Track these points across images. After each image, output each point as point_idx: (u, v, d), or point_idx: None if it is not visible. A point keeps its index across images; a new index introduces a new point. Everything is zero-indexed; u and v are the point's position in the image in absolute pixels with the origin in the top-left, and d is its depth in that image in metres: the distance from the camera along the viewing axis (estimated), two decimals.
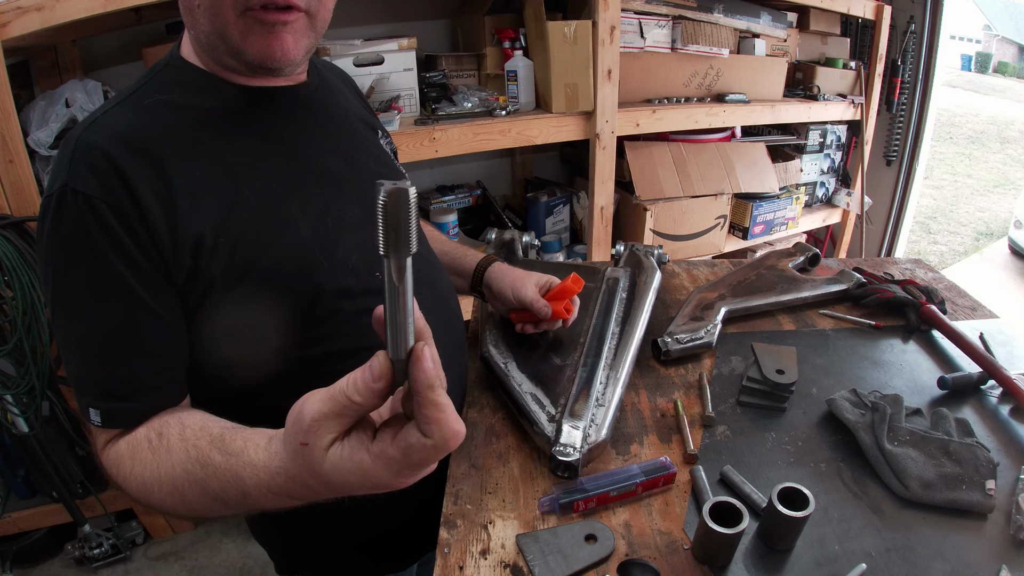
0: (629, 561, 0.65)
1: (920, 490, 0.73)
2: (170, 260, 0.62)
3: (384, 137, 0.90)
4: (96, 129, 0.62)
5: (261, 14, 0.62)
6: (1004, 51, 19.22)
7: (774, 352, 0.97)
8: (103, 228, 0.59)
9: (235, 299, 0.65)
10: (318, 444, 0.42)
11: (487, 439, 0.84)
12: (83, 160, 0.60)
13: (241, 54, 0.65)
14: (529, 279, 0.96)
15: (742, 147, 2.45)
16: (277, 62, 0.65)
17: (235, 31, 0.63)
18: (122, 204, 0.59)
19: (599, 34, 1.81)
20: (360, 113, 0.87)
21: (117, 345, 0.62)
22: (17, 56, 1.54)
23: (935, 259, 5.25)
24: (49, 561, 1.81)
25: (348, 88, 0.92)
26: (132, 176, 0.60)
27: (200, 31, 0.65)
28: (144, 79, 0.69)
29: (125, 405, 0.63)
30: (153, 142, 0.63)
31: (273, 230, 0.67)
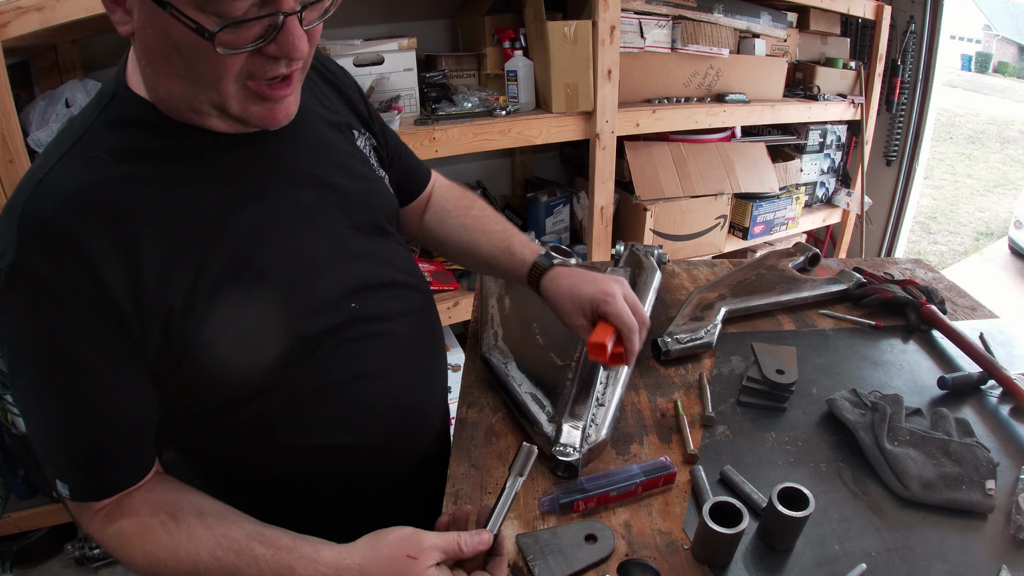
0: (629, 561, 0.65)
1: (920, 490, 0.73)
2: (137, 336, 0.59)
3: (362, 134, 0.82)
4: (42, 196, 0.56)
5: (267, 90, 0.58)
6: (1004, 51, 19.22)
7: (774, 352, 0.97)
8: (61, 310, 0.55)
9: (214, 357, 0.62)
10: (425, 562, 0.56)
11: (487, 439, 0.84)
12: (31, 235, 0.55)
13: (240, 119, 0.61)
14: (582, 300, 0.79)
15: (742, 147, 2.45)
16: (280, 124, 0.62)
17: (235, 102, 0.58)
18: (79, 283, 0.55)
19: (599, 34, 1.81)
20: (330, 117, 0.78)
21: (81, 423, 0.60)
22: (17, 56, 1.53)
23: (935, 259, 5.25)
24: (49, 561, 1.81)
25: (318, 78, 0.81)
26: (90, 251, 0.55)
27: (177, 93, 0.58)
28: (88, 119, 0.61)
29: (93, 480, 0.62)
30: (109, 206, 0.57)
31: (245, 288, 0.63)
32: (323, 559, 0.59)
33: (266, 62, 0.57)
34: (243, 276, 0.63)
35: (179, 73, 0.56)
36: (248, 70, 0.56)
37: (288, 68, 0.58)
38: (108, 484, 0.63)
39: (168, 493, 0.65)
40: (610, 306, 0.76)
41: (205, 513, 0.63)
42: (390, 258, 0.80)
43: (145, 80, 0.60)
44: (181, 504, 0.64)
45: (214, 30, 0.51)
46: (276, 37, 0.54)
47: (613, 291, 0.77)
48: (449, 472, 0.79)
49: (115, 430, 0.62)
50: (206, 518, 0.62)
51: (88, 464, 0.62)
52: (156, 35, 0.54)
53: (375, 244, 0.78)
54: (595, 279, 0.79)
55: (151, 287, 0.58)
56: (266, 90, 0.58)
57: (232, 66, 0.55)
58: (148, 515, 0.62)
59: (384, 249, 0.79)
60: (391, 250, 0.81)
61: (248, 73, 0.57)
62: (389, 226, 0.82)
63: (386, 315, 0.76)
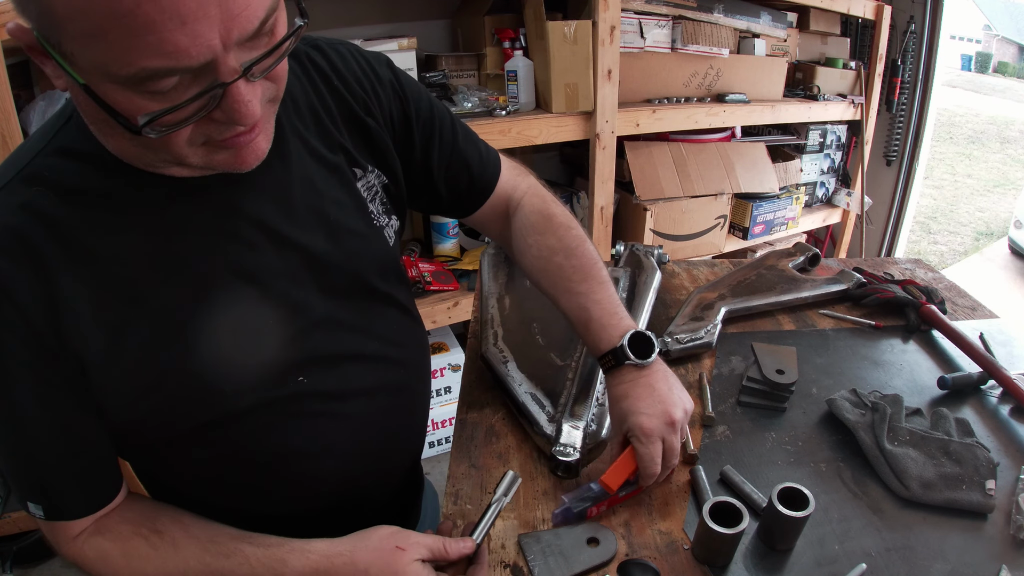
0: (629, 561, 0.65)
1: (920, 490, 0.73)
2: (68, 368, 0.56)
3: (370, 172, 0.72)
4: None
5: (230, 141, 0.52)
6: (1004, 51, 19.23)
7: (774, 352, 0.97)
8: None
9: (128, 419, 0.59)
10: (411, 555, 0.59)
11: (487, 439, 0.84)
12: None
13: (205, 167, 0.55)
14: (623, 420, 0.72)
15: (742, 147, 2.45)
16: (250, 167, 0.55)
17: (195, 158, 0.52)
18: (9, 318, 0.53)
19: (599, 34, 1.81)
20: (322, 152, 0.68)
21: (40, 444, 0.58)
22: (17, 56, 1.53)
23: (935, 259, 5.25)
24: (49, 561, 1.81)
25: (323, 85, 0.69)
26: (13, 285, 0.52)
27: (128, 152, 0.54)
28: (40, 143, 0.57)
29: (63, 501, 0.61)
30: (39, 245, 0.53)
31: (166, 356, 0.58)
32: (314, 548, 0.60)
33: (219, 125, 0.50)
34: (167, 344, 0.58)
35: (125, 138, 0.51)
36: (202, 133, 0.51)
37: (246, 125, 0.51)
38: (80, 504, 0.62)
39: (145, 510, 0.65)
40: (641, 447, 0.70)
41: (187, 524, 0.63)
42: (370, 325, 0.72)
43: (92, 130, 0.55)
44: (161, 518, 0.63)
45: (140, 124, 0.46)
46: (220, 104, 0.48)
47: (650, 432, 0.69)
48: (449, 472, 0.79)
49: (73, 449, 0.59)
50: (189, 528, 0.62)
51: (59, 483, 0.60)
52: (85, 103, 0.48)
53: (353, 309, 0.70)
54: (646, 407, 0.71)
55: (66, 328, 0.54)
56: (228, 141, 0.52)
57: (179, 138, 0.49)
58: (130, 533, 0.62)
59: (364, 314, 0.71)
60: (375, 314, 0.73)
61: (202, 135, 0.51)
62: (381, 284, 0.73)
63: (342, 393, 0.69)
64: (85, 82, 0.45)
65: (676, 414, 0.71)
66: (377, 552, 0.60)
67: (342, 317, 0.68)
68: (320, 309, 0.66)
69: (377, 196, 0.73)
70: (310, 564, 0.59)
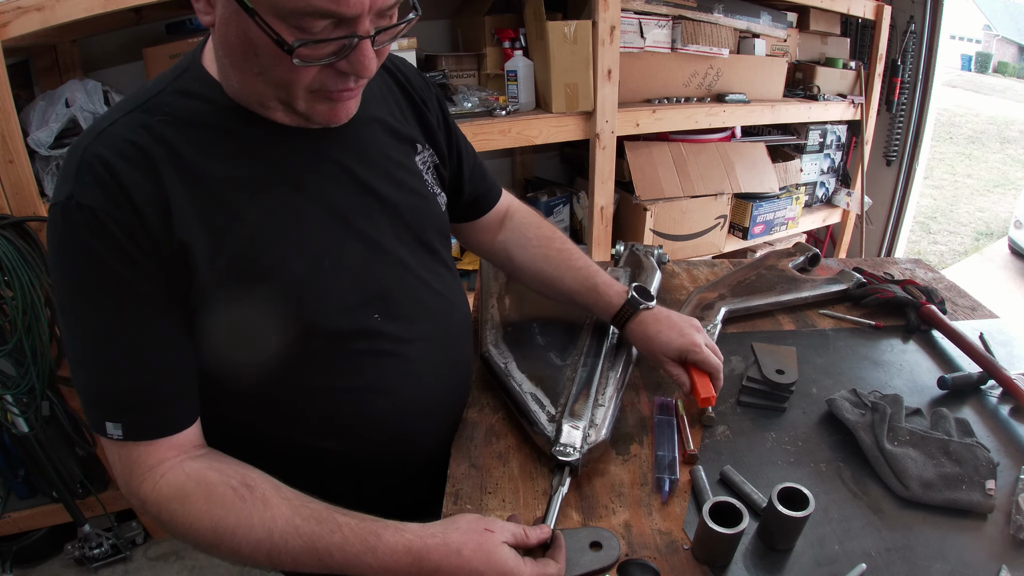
0: (629, 561, 0.65)
1: (920, 490, 0.73)
2: (172, 271, 0.62)
3: (425, 150, 0.83)
4: (103, 141, 0.61)
5: (334, 93, 0.62)
6: (1004, 51, 19.22)
7: (774, 352, 0.97)
8: (110, 241, 0.59)
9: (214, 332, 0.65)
10: (500, 536, 0.62)
11: (487, 439, 0.84)
12: (89, 172, 0.59)
13: (306, 116, 0.65)
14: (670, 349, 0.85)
15: (742, 147, 2.45)
16: (341, 122, 0.66)
17: (302, 102, 0.62)
18: (127, 218, 0.59)
19: (599, 34, 1.81)
20: (395, 126, 0.79)
21: (131, 356, 0.62)
22: (17, 56, 1.54)
23: (935, 259, 5.25)
24: (49, 561, 1.81)
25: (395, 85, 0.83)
26: (135, 192, 0.59)
27: (248, 87, 0.63)
28: (159, 85, 0.66)
29: (145, 417, 0.62)
30: (156, 160, 0.61)
31: (260, 266, 0.65)
32: (408, 527, 0.62)
33: (336, 76, 0.60)
34: (256, 262, 0.65)
35: (253, 71, 0.60)
36: (320, 80, 0.60)
37: (356, 83, 0.62)
38: (168, 421, 0.63)
39: (236, 464, 0.65)
40: (699, 355, 0.83)
41: (279, 485, 0.63)
42: (430, 277, 0.79)
43: (218, 67, 0.64)
44: (253, 474, 0.64)
45: (294, 45, 0.54)
46: (349, 56, 0.57)
47: (698, 341, 0.84)
48: (449, 472, 0.79)
49: (170, 362, 0.63)
50: (280, 489, 0.63)
51: (145, 398, 0.62)
52: (236, 33, 0.57)
53: (417, 258, 0.78)
54: (680, 328, 0.86)
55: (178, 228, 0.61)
56: (333, 93, 0.62)
57: (305, 76, 0.59)
58: (217, 480, 0.62)
59: (426, 266, 0.79)
60: (434, 269, 0.81)
61: (319, 82, 0.60)
62: (438, 245, 0.82)
63: (408, 335, 0.75)
64: (253, 7, 0.53)
65: (697, 324, 0.88)
66: (469, 533, 0.62)
67: (409, 263, 0.77)
68: (392, 251, 0.75)
69: (430, 170, 0.84)
70: (403, 541, 0.60)
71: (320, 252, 0.69)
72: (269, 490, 0.62)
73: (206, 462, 0.64)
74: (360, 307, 0.71)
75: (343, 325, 0.70)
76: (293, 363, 0.69)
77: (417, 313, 0.77)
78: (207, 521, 0.60)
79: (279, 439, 0.73)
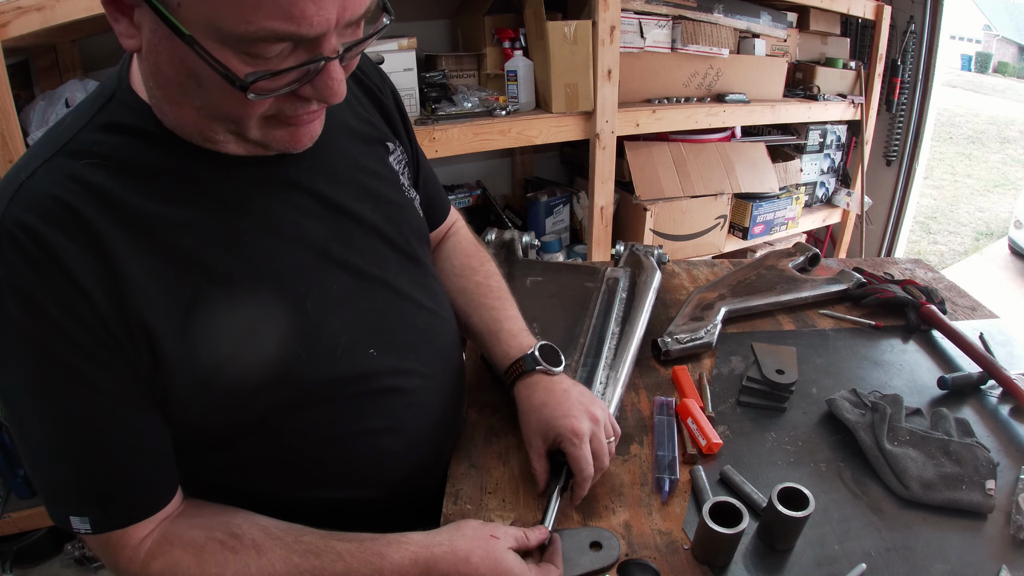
0: (629, 561, 0.65)
1: (920, 490, 0.73)
2: (131, 355, 0.53)
3: (397, 148, 0.76)
4: (21, 201, 0.50)
5: (294, 119, 0.53)
6: (1004, 51, 19.21)
7: (774, 352, 0.97)
8: (51, 325, 0.50)
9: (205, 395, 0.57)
10: (505, 543, 0.62)
11: (487, 439, 0.84)
12: (12, 245, 0.49)
13: (262, 145, 0.56)
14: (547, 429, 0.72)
15: (742, 147, 2.45)
16: (305, 147, 0.57)
17: (255, 131, 0.53)
18: (66, 297, 0.50)
19: (599, 34, 1.81)
20: (362, 129, 0.71)
21: (91, 443, 0.54)
22: (17, 56, 1.53)
23: (935, 259, 5.25)
24: (49, 561, 1.80)
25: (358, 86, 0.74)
26: (71, 262, 0.50)
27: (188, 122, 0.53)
28: (82, 118, 0.55)
29: (119, 505, 0.56)
30: (92, 218, 0.51)
31: (238, 328, 0.57)
32: (411, 540, 0.60)
33: (296, 102, 0.52)
34: (233, 325, 0.57)
35: (195, 105, 0.51)
36: (276, 107, 0.52)
37: (318, 107, 0.54)
38: (140, 506, 0.57)
39: (216, 514, 0.61)
40: (574, 449, 0.70)
41: (265, 525, 0.60)
42: (419, 294, 0.73)
43: (150, 98, 0.54)
44: (235, 520, 0.60)
45: (247, 80, 0.46)
46: (313, 80, 0.49)
47: (582, 433, 0.70)
48: (449, 472, 0.79)
49: (133, 443, 0.56)
50: (268, 529, 0.59)
51: (111, 487, 0.55)
52: (170, 63, 0.48)
53: (406, 278, 0.71)
54: (569, 410, 0.72)
55: (133, 306, 0.52)
56: (292, 119, 0.53)
57: (259, 108, 0.50)
58: (204, 539, 0.57)
59: (415, 284, 0.72)
60: (422, 283, 0.74)
61: (275, 109, 0.52)
62: (421, 253, 0.75)
63: (406, 367, 0.69)
64: (190, 33, 0.44)
65: (597, 413, 0.74)
66: (476, 540, 0.61)
67: (397, 285, 0.70)
68: (377, 276, 0.68)
69: (405, 170, 0.77)
70: (409, 555, 0.59)
71: (302, 294, 0.61)
72: (258, 534, 0.58)
73: (185, 520, 0.60)
74: (354, 346, 0.64)
75: (339, 370, 0.63)
76: (289, 420, 0.62)
77: (412, 339, 0.71)
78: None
79: (281, 498, 0.66)
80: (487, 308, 0.84)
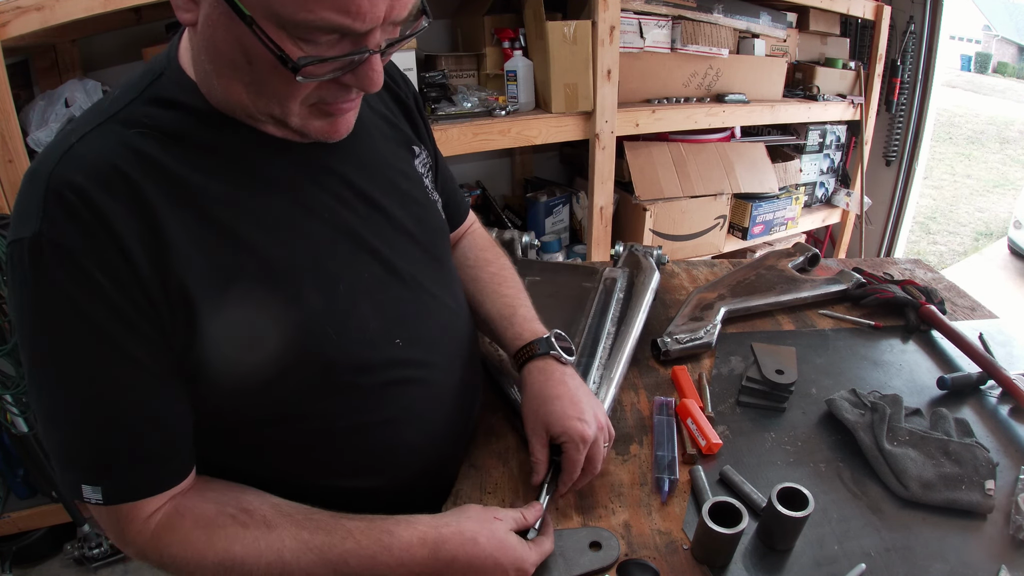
0: (629, 561, 0.65)
1: (919, 490, 0.73)
2: (166, 319, 0.54)
3: (423, 152, 0.78)
4: (71, 162, 0.51)
5: (332, 106, 0.57)
6: (1004, 51, 19.22)
7: (774, 352, 0.97)
8: (90, 286, 0.51)
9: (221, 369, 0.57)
10: (507, 524, 0.64)
11: (487, 439, 0.84)
12: (59, 204, 0.50)
13: (300, 132, 0.58)
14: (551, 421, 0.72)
15: (742, 147, 2.45)
16: (340, 137, 0.60)
17: (296, 118, 0.56)
18: (111, 259, 0.51)
19: (599, 34, 1.81)
20: (390, 131, 0.74)
21: (114, 411, 0.54)
22: (17, 56, 1.53)
23: (935, 259, 5.25)
24: (48, 561, 1.80)
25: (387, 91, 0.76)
26: (117, 224, 0.51)
27: (235, 98, 0.55)
28: (131, 92, 0.57)
29: (134, 476, 0.55)
30: (140, 182, 0.53)
31: (274, 303, 0.58)
32: (420, 520, 0.62)
33: (338, 89, 0.55)
34: (270, 294, 0.58)
35: (243, 81, 0.53)
36: (318, 94, 0.55)
37: (357, 95, 0.57)
38: (153, 480, 0.56)
39: (228, 489, 0.61)
40: (576, 455, 0.70)
41: (277, 503, 0.60)
42: (441, 290, 0.74)
43: (197, 72, 0.56)
44: (247, 497, 0.60)
45: (299, 63, 0.49)
46: (355, 69, 0.52)
47: (588, 439, 0.70)
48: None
49: (155, 416, 0.56)
50: (280, 507, 0.60)
51: (127, 458, 0.55)
52: (226, 39, 0.50)
53: (429, 273, 0.73)
54: (582, 412, 0.72)
55: (175, 270, 0.53)
56: (332, 107, 0.57)
57: (304, 90, 0.53)
58: (215, 512, 0.58)
59: (437, 280, 0.74)
60: (443, 280, 0.76)
61: (317, 96, 0.55)
62: (444, 254, 0.77)
63: (429, 359, 0.71)
64: (251, 15, 0.47)
65: (601, 417, 0.74)
66: (480, 522, 0.63)
67: (422, 279, 0.71)
68: (405, 268, 0.69)
69: (429, 173, 0.79)
70: (418, 533, 0.60)
71: (335, 276, 0.63)
72: (268, 510, 0.59)
73: (197, 494, 0.60)
74: (382, 333, 0.66)
75: (366, 356, 0.64)
76: (313, 405, 0.63)
77: (435, 334, 0.72)
78: (212, 556, 0.56)
79: (296, 486, 0.66)
80: (500, 296, 0.85)
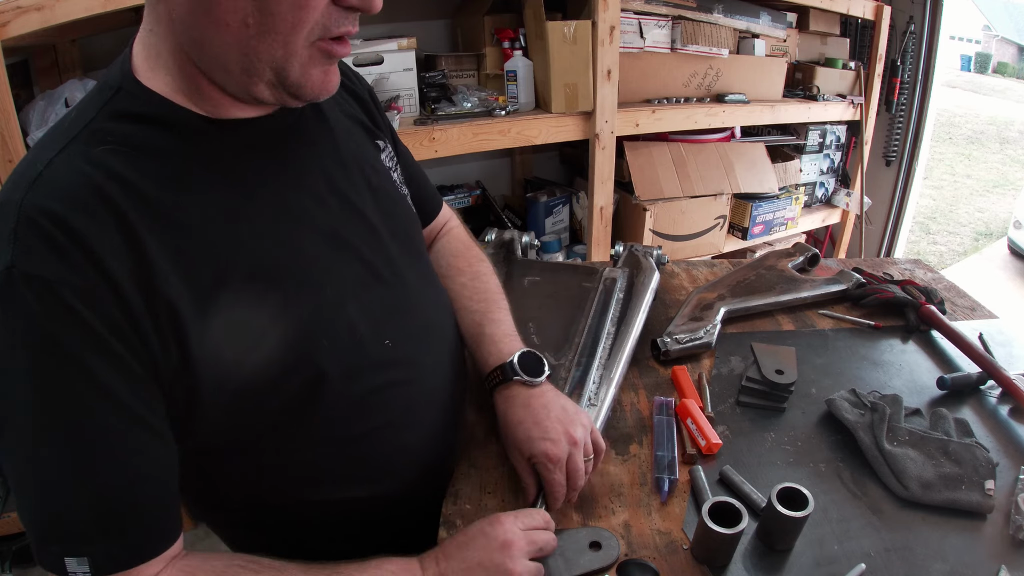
0: (628, 561, 0.65)
1: (919, 490, 0.73)
2: (154, 346, 0.50)
3: (387, 146, 0.77)
4: (43, 189, 0.48)
5: (333, 46, 0.54)
6: (1004, 51, 19.21)
7: (773, 352, 0.97)
8: (72, 320, 0.46)
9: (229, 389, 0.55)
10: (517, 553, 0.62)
11: (487, 439, 0.84)
12: (33, 232, 0.46)
13: (296, 87, 0.55)
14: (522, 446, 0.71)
15: (742, 147, 2.45)
16: (329, 94, 0.58)
17: (297, 64, 0.53)
18: (92, 286, 0.47)
19: (599, 34, 1.81)
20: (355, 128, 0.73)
21: (104, 466, 0.49)
22: (17, 56, 1.53)
23: (935, 259, 5.25)
24: None
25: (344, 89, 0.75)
26: (97, 248, 0.47)
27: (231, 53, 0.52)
28: (90, 109, 0.54)
29: (126, 541, 0.50)
30: (117, 201, 0.50)
31: (263, 315, 0.56)
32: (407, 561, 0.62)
33: (341, 15, 0.53)
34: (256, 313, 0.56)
35: (245, 23, 0.49)
36: (323, 23, 0.52)
37: (355, 25, 0.55)
38: (151, 541, 0.51)
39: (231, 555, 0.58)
40: (548, 474, 0.69)
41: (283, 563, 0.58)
42: (422, 287, 0.74)
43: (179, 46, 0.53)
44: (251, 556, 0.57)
45: None
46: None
47: (556, 457, 0.68)
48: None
49: (146, 474, 0.51)
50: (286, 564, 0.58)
51: (120, 519, 0.50)
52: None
53: (411, 271, 0.72)
54: (546, 431, 0.70)
55: (160, 290, 0.50)
56: (333, 47, 0.54)
57: (313, 14, 0.51)
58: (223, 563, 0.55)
59: (419, 277, 0.73)
60: (425, 278, 0.75)
61: (322, 27, 0.52)
62: (419, 247, 0.76)
63: (419, 358, 0.70)
64: None
65: (577, 433, 0.71)
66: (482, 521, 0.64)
67: (405, 278, 0.70)
68: (387, 268, 0.68)
69: (396, 167, 0.78)
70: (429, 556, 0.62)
71: (320, 280, 0.61)
72: (275, 562, 0.57)
73: (199, 557, 0.56)
74: (371, 336, 0.64)
75: (359, 360, 0.63)
76: (313, 414, 0.61)
77: (420, 330, 0.71)
78: None
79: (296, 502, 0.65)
80: (468, 312, 0.83)
